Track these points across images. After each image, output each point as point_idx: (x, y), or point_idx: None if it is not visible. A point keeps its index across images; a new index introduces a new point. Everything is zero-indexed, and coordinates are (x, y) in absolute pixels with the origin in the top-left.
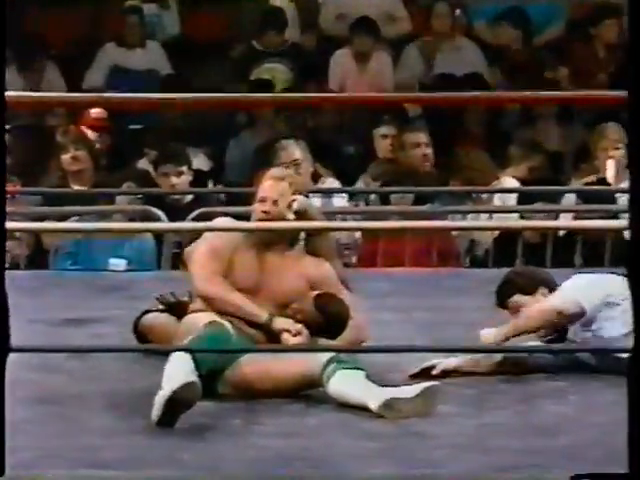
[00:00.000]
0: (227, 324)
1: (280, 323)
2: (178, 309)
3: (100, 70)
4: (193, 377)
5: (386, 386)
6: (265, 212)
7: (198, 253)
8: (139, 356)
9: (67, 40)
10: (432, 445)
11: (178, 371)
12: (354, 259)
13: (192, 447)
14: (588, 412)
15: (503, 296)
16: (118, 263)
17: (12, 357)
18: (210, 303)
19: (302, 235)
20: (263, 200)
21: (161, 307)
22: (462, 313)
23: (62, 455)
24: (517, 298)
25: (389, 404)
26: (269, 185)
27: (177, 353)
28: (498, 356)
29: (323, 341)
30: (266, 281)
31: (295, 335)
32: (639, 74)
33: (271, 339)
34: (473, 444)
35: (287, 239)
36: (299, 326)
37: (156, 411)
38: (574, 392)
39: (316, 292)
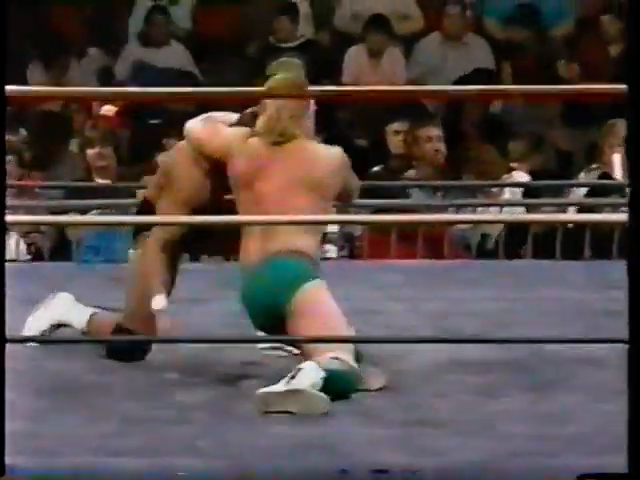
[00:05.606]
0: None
1: None
2: None
3: (124, 66)
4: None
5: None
6: None
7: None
8: None
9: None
10: (443, 433)
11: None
12: (366, 251)
13: (208, 434)
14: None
15: None
16: None
17: None
18: None
19: None
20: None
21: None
22: (471, 304)
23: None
24: None
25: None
26: None
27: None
28: None
29: None
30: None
31: None
32: (638, 68)
33: None
34: (479, 430)
35: None
36: None
37: None
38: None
39: None
